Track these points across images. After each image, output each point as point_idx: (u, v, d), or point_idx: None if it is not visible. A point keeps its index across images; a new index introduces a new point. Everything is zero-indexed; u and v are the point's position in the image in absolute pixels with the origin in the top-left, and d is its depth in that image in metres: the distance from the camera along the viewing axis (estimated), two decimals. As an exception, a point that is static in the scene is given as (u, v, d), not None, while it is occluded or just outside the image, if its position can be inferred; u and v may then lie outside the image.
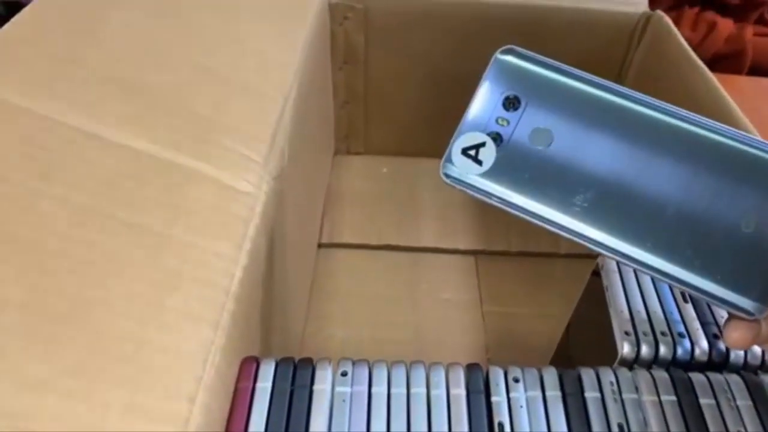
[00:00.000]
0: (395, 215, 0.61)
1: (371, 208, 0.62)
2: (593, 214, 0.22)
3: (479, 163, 0.23)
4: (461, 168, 0.23)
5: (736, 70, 0.80)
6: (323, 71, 0.57)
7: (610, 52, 0.60)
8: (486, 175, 0.22)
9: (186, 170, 0.31)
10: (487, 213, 0.61)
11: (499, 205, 0.23)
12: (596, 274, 0.36)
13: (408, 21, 0.58)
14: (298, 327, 0.50)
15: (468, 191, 0.23)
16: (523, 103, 0.23)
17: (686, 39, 0.77)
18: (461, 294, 0.54)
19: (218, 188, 0.31)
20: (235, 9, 0.44)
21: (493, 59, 0.23)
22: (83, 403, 0.21)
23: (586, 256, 0.38)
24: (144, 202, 0.28)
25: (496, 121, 0.23)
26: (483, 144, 0.23)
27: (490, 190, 0.22)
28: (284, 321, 0.43)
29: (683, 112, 0.22)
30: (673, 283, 0.21)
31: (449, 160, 0.23)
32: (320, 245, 0.58)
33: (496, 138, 0.23)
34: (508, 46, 0.23)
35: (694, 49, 0.78)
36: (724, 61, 0.80)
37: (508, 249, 0.58)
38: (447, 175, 0.23)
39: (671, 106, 0.22)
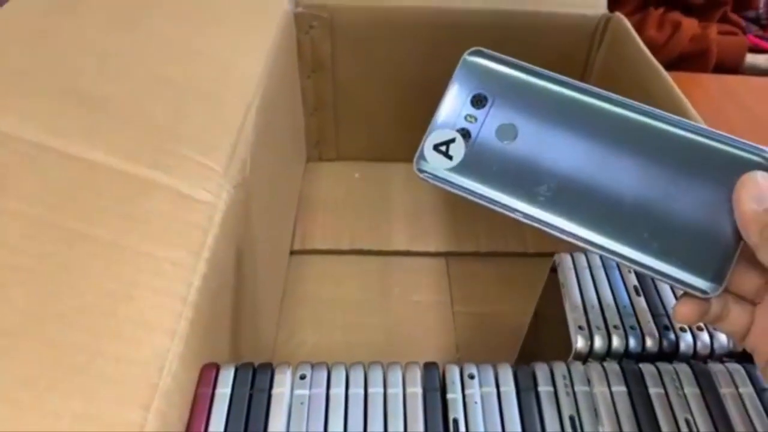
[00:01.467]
0: (367, 220, 0.61)
1: (343, 214, 0.62)
2: (556, 203, 0.23)
3: (450, 158, 0.24)
4: (433, 163, 0.24)
5: (702, 69, 0.82)
6: (290, 79, 0.58)
7: (574, 53, 0.61)
8: (456, 169, 0.24)
9: (143, 180, 0.31)
10: (457, 215, 0.62)
11: (469, 197, 0.24)
12: (554, 270, 0.37)
13: (374, 28, 0.59)
14: (270, 334, 0.50)
15: (439, 184, 0.24)
16: (489, 101, 0.24)
17: (652, 39, 0.79)
18: (432, 295, 0.55)
19: (176, 198, 0.31)
20: (197, 19, 0.45)
21: (461, 60, 0.25)
22: (33, 413, 0.22)
23: (553, 255, 0.39)
24: (99, 213, 0.29)
25: (465, 118, 0.24)
26: (453, 140, 0.24)
27: (460, 183, 0.24)
28: (254, 328, 0.44)
29: (640, 105, 0.23)
30: (633, 266, 0.22)
31: (422, 156, 0.24)
32: (292, 252, 0.58)
33: (465, 134, 0.24)
34: (476, 48, 0.25)
35: (660, 49, 0.79)
36: (690, 60, 0.81)
37: (478, 250, 0.59)
38: (420, 170, 0.24)
39: (628, 99, 0.23)
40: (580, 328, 0.31)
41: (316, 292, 0.55)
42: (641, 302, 0.33)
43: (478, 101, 0.24)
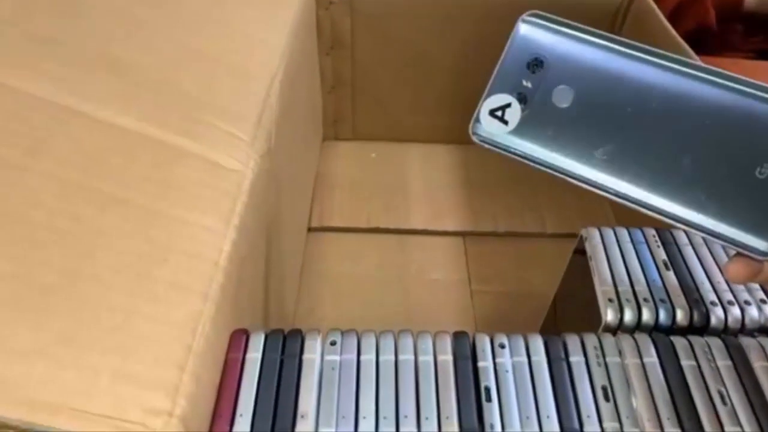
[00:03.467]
0: (384, 199, 0.61)
1: (360, 193, 0.62)
2: (613, 165, 0.23)
3: (505, 123, 0.24)
4: (489, 128, 0.24)
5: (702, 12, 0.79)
6: (310, 56, 0.58)
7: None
8: (512, 133, 0.24)
9: (173, 147, 0.31)
10: (474, 195, 0.62)
11: (525, 161, 0.24)
12: (578, 252, 0.37)
13: (393, 6, 0.58)
14: (289, 307, 0.50)
15: (495, 149, 0.24)
16: (546, 64, 0.24)
17: None
18: (450, 274, 0.55)
19: (205, 165, 0.31)
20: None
21: (517, 23, 0.24)
22: (72, 369, 0.22)
23: (572, 235, 0.38)
24: (131, 177, 0.28)
25: (521, 82, 0.24)
26: (509, 105, 0.24)
27: (516, 148, 0.24)
28: (278, 298, 0.44)
29: (699, 64, 0.23)
30: (689, 228, 0.22)
31: (477, 121, 0.24)
32: (310, 229, 0.58)
33: (522, 98, 0.24)
34: (532, 11, 0.24)
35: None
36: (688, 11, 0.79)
37: (496, 230, 0.59)
38: (475, 134, 0.24)
39: (687, 59, 0.23)
40: (610, 300, 0.31)
41: (334, 269, 0.55)
42: (671, 276, 0.32)
43: (534, 65, 0.24)
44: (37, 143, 0.27)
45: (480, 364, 0.27)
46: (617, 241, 0.34)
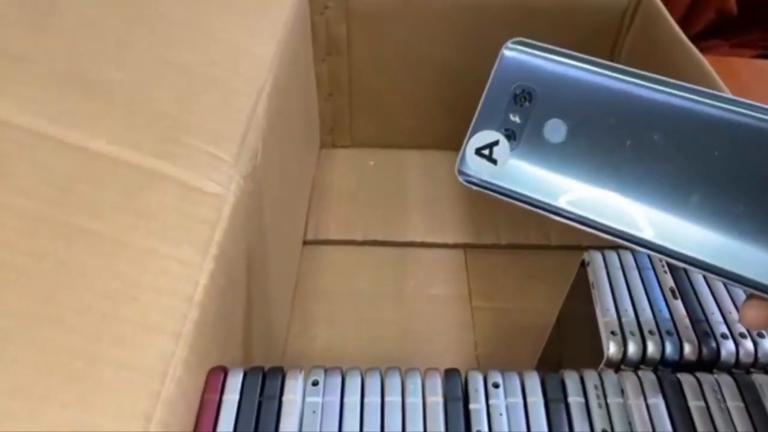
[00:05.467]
0: (382, 209, 0.59)
1: (358, 203, 0.60)
2: (615, 205, 0.21)
3: (494, 162, 0.22)
4: (476, 168, 0.22)
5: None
6: (304, 63, 0.56)
7: (602, 37, 0.58)
8: (501, 173, 0.22)
9: (148, 172, 0.29)
10: (476, 205, 0.60)
11: (518, 203, 0.22)
12: (584, 265, 0.35)
13: (390, 10, 0.56)
14: (282, 329, 0.48)
15: (484, 190, 0.22)
16: (534, 97, 0.22)
17: None
18: (450, 289, 0.53)
19: (182, 190, 0.29)
20: (207, 0, 0.43)
21: (500, 53, 0.22)
22: (27, 425, 0.20)
23: (577, 248, 0.36)
24: (101, 207, 0.27)
25: (509, 117, 0.22)
26: (496, 142, 0.22)
27: (507, 188, 0.22)
28: (266, 324, 0.42)
29: (703, 89, 0.20)
30: (700, 270, 0.20)
31: (464, 161, 0.22)
32: (305, 242, 0.57)
33: (510, 135, 0.22)
34: (516, 39, 0.22)
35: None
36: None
37: (498, 242, 0.57)
38: (462, 174, 0.22)
39: (685, 84, 0.21)
40: (613, 333, 0.29)
41: (329, 284, 0.53)
42: (678, 306, 0.30)
43: (521, 97, 0.22)
44: (-1, 173, 0.26)
45: (472, 406, 0.26)
46: (621, 266, 0.32)
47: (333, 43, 0.59)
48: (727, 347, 0.29)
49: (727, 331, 0.29)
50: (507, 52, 0.22)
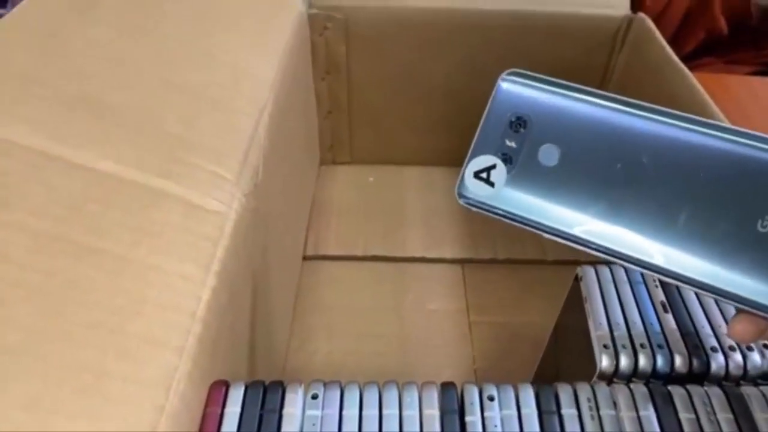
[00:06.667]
0: (381, 225, 0.60)
1: (357, 219, 0.61)
2: (607, 225, 0.22)
3: (491, 184, 0.23)
4: (474, 190, 0.23)
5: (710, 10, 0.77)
6: (304, 82, 0.57)
7: (594, 56, 0.59)
8: (498, 195, 0.23)
9: (152, 191, 0.30)
10: (474, 221, 0.61)
11: (514, 223, 0.23)
12: (578, 280, 0.35)
13: (390, 29, 0.58)
14: (282, 343, 0.49)
15: (483, 212, 0.23)
16: (529, 123, 0.23)
17: (648, 8, 0.75)
18: (448, 304, 0.54)
19: (186, 208, 0.30)
20: (210, 23, 0.44)
21: (497, 83, 0.24)
22: (36, 438, 0.21)
23: (574, 262, 0.37)
24: (107, 225, 0.28)
25: (505, 142, 0.23)
26: (494, 166, 0.23)
27: (504, 209, 0.23)
28: (267, 338, 0.43)
29: (689, 116, 0.22)
30: (690, 287, 0.21)
31: (463, 183, 0.24)
32: (305, 258, 0.58)
33: (506, 159, 0.23)
34: (511, 70, 0.24)
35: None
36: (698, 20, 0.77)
37: (495, 257, 0.58)
38: (461, 197, 0.24)
39: (676, 111, 0.22)
40: (605, 346, 0.30)
41: (329, 299, 0.54)
42: (669, 319, 0.31)
43: (517, 124, 0.23)
44: (9, 192, 0.27)
45: (467, 418, 0.26)
46: (614, 280, 0.33)
47: (332, 62, 0.60)
48: (717, 360, 0.29)
49: (717, 345, 0.30)
50: (503, 83, 0.24)
